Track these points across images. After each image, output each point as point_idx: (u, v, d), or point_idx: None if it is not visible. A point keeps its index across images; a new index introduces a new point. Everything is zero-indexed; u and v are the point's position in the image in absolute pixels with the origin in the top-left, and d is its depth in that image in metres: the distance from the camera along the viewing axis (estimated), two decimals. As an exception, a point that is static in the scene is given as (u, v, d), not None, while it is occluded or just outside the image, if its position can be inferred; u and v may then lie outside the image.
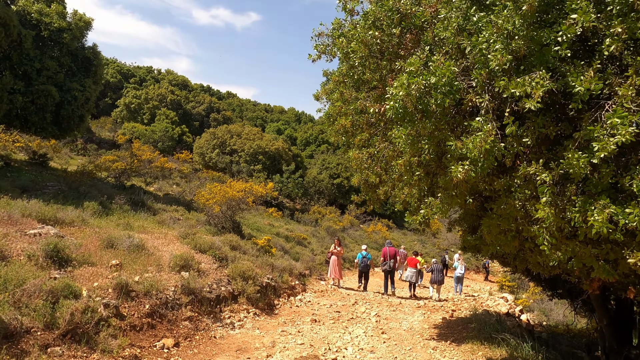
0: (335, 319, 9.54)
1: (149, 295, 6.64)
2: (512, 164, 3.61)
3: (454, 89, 3.46)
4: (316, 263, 16.26)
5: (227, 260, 10.10)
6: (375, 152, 5.41)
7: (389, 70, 4.64)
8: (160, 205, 16.23)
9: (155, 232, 11.41)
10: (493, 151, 3.29)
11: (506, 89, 3.19)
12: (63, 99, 16.50)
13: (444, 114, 3.61)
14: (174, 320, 6.65)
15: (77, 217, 9.62)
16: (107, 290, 6.32)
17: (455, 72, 3.44)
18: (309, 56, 5.85)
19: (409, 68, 3.59)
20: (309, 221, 29.01)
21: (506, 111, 3.34)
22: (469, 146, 3.32)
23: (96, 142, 36.82)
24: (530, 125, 3.49)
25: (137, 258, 8.05)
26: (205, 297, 7.70)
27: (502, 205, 3.79)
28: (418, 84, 3.43)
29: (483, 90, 3.51)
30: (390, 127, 4.81)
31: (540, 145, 3.61)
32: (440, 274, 14.12)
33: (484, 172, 3.40)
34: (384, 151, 5.12)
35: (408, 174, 4.29)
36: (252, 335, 7.46)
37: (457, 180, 3.41)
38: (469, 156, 3.32)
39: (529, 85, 3.09)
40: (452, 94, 3.46)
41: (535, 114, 3.43)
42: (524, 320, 12.99)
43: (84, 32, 17.90)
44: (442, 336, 8.48)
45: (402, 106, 3.49)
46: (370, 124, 5.41)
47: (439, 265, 14.44)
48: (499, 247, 4.13)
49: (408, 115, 3.58)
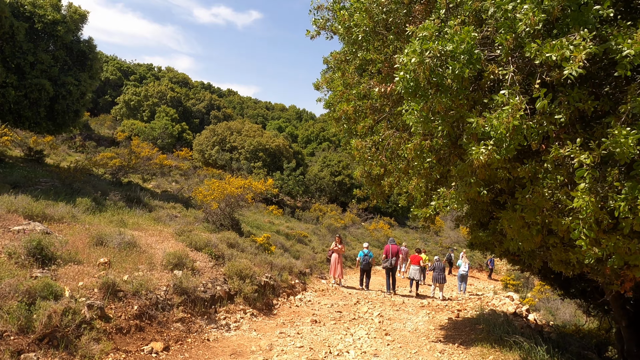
0: (336, 320, 9.13)
1: (138, 296, 6.23)
2: (538, 147, 3.14)
3: (474, 58, 3.00)
4: (317, 261, 15.85)
5: (224, 258, 9.69)
6: (379, 140, 4.93)
7: (395, 48, 4.17)
8: (157, 202, 15.85)
9: (150, 229, 11.01)
10: (522, 129, 2.81)
11: (539, 53, 2.72)
12: (57, 93, 16.10)
13: (462, 87, 3.14)
14: (164, 322, 6.24)
15: (67, 214, 9.22)
16: (92, 290, 5.90)
17: (475, 37, 2.97)
18: (306, 32, 5.37)
19: (422, 33, 3.09)
20: (309, 219, 28.62)
21: (536, 82, 2.87)
22: (493, 123, 2.84)
23: (95, 139, 36.43)
24: (564, 100, 3.00)
25: (128, 256, 7.64)
26: (199, 297, 7.29)
27: (527, 195, 3.32)
28: (433, 51, 2.96)
29: (507, 60, 3.04)
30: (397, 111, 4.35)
31: (575, 124, 3.14)
32: (441, 272, 13.69)
33: (510, 153, 2.93)
34: (390, 139, 4.66)
35: (418, 160, 3.80)
36: (249, 337, 7.04)
37: (479, 163, 2.94)
38: (493, 135, 2.85)
39: (567, 48, 2.63)
40: (471, 64, 3.00)
41: (571, 86, 2.98)
42: (532, 320, 12.59)
43: (79, 25, 17.49)
44: (449, 338, 8.05)
45: (413, 78, 3.02)
46: (374, 109, 4.93)
47: (440, 263, 14.00)
48: (521, 243, 3.67)
49: (420, 90, 3.12)
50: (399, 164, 4.61)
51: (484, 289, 19.95)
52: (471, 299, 14.11)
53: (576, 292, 8.90)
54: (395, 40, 4.11)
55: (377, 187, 5.98)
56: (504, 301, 14.43)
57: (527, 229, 3.48)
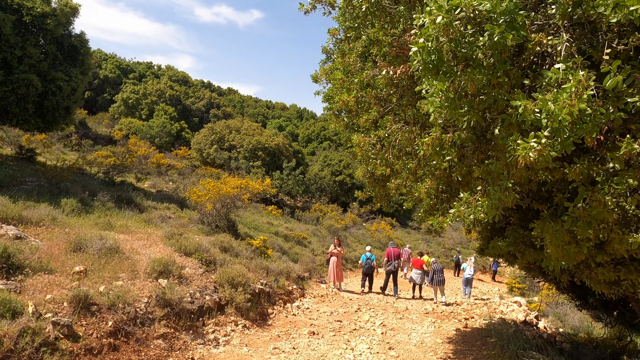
0: (336, 331, 8.48)
1: (114, 309, 5.59)
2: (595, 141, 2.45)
3: (518, 22, 2.31)
4: (316, 264, 15.21)
5: (216, 264, 9.05)
6: (385, 136, 4.24)
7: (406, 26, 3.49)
8: (151, 203, 15.24)
9: (139, 232, 10.37)
10: (587, 115, 2.12)
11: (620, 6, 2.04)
12: (47, 89, 15.45)
13: (501, 60, 2.45)
14: (143, 339, 5.60)
15: (47, 216, 8.58)
16: (61, 304, 5.27)
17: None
18: (300, 6, 4.67)
19: (449, -14, 2.39)
20: (309, 219, 27.98)
21: (605, 52, 2.19)
22: (548, 107, 2.17)
23: (92, 137, 35.82)
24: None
25: (108, 263, 7.00)
26: (185, 309, 6.64)
27: (580, 204, 2.64)
28: (466, 7, 2.26)
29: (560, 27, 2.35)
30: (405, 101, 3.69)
31: (653, 110, 2.44)
32: (441, 274, 13.19)
33: (567, 149, 2.25)
34: (398, 133, 3.98)
35: (437, 158, 3.11)
36: (239, 354, 6.39)
37: (525, 162, 2.27)
38: (547, 125, 2.17)
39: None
40: (514, 30, 2.31)
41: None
42: (542, 328, 11.96)
43: (70, 19, 16.83)
44: (459, 354, 7.39)
45: (435, 49, 2.33)
46: (379, 99, 4.26)
47: (438, 265, 13.50)
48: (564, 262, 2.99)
49: (444, 66, 2.45)
50: (408, 163, 3.94)
51: (488, 292, 19.34)
52: (477, 305, 13.47)
53: (597, 303, 8.21)
54: (406, 12, 3.41)
55: (382, 189, 5.31)
56: (512, 307, 13.81)
57: (574, 245, 2.81)
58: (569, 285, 7.43)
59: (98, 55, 55.01)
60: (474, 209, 2.71)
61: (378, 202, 5.90)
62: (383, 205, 5.93)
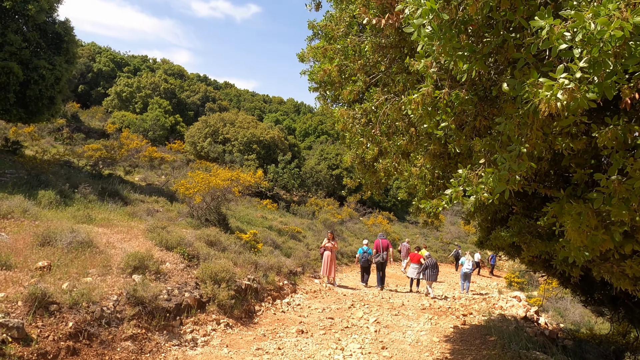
0: (326, 329, 7.99)
1: (77, 309, 5.07)
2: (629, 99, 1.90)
3: None
4: (310, 259, 14.71)
5: (199, 258, 8.53)
6: (372, 109, 3.68)
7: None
8: (138, 196, 14.71)
9: (120, 226, 9.85)
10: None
11: None
12: (29, 77, 14.83)
13: None
14: (109, 341, 5.08)
15: (18, 208, 8.04)
16: (15, 303, 4.74)
17: None
18: None
19: None
20: (305, 213, 27.49)
21: None
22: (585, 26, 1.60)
23: (84, 131, 35.18)
24: None
25: (77, 258, 6.47)
26: (160, 307, 6.12)
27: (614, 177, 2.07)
28: None
29: None
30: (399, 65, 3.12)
31: None
32: (434, 270, 12.90)
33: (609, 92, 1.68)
34: (386, 105, 3.41)
35: (428, 121, 2.50)
36: (217, 356, 5.88)
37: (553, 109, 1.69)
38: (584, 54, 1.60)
39: None
40: None
41: None
42: (543, 324, 11.52)
43: (54, 5, 16.18)
44: (457, 354, 6.90)
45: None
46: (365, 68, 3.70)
47: (432, 259, 13.22)
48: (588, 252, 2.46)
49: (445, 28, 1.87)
50: (398, 140, 3.40)
51: (487, 286, 18.95)
52: (475, 300, 13.01)
53: (604, 299, 7.73)
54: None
55: (371, 174, 4.76)
56: (511, 302, 13.37)
57: (602, 231, 2.26)
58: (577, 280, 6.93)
59: (92, 48, 54.18)
60: (476, 187, 2.17)
61: (368, 189, 5.36)
62: (373, 193, 5.41)
